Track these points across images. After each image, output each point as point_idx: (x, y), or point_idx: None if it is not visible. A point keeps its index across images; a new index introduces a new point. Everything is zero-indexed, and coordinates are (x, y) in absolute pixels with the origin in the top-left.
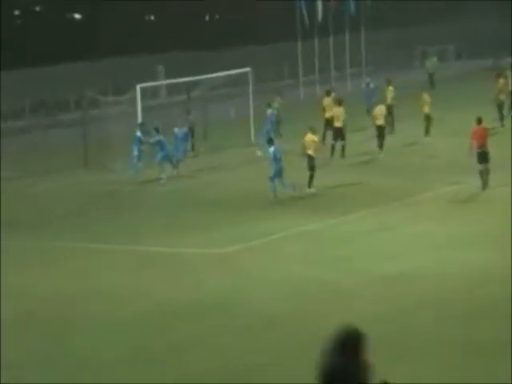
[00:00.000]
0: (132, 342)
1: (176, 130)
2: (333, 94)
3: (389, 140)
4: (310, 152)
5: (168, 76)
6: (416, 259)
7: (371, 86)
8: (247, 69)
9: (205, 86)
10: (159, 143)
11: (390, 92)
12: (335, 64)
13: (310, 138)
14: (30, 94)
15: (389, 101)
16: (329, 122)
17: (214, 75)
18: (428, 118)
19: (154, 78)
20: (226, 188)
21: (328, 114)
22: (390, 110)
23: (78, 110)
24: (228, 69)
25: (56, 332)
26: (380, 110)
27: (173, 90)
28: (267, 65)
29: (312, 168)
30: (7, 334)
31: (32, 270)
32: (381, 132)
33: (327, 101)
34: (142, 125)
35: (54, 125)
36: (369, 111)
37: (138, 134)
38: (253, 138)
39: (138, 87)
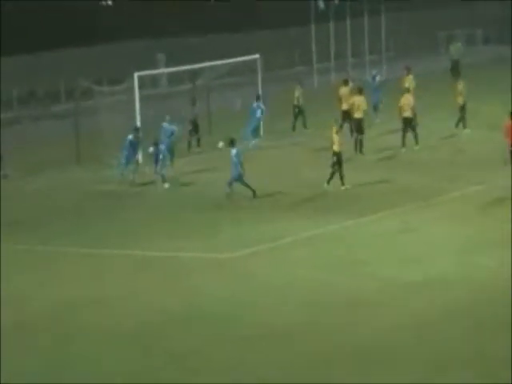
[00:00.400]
0: (129, 354)
1: (165, 124)
2: (351, 84)
3: (411, 134)
4: (336, 147)
5: (169, 64)
6: (441, 264)
7: (378, 78)
8: (256, 55)
9: (209, 74)
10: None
11: (410, 81)
12: (352, 50)
13: (336, 131)
14: (18, 84)
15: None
16: (346, 114)
17: (219, 62)
18: (462, 110)
19: (153, 65)
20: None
21: (345, 106)
22: None
23: (70, 101)
24: (234, 55)
25: (51, 342)
26: (407, 100)
27: (174, 78)
28: (278, 51)
29: (338, 164)
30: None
31: (23, 275)
32: (407, 125)
33: (344, 90)
34: (136, 130)
35: (45, 117)
36: (376, 108)
37: (130, 137)
38: (262, 131)
39: (136, 76)
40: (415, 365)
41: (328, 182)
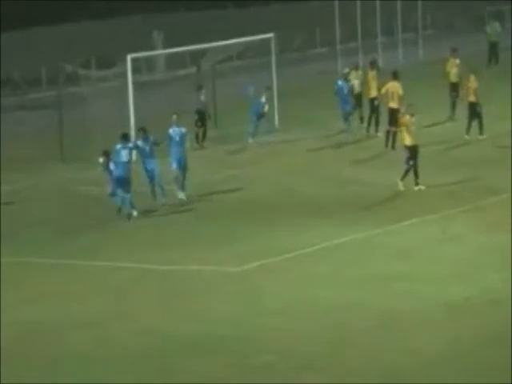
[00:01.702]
0: None
1: (172, 130)
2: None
3: (451, 127)
4: (408, 141)
5: (167, 44)
6: (488, 280)
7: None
8: (270, 34)
9: (214, 56)
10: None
11: (455, 65)
12: (383, 28)
13: (408, 120)
14: None
15: (452, 77)
16: (374, 103)
17: (226, 42)
18: None
19: (149, 46)
20: (242, 189)
21: (373, 93)
22: (454, 90)
23: (52, 88)
24: (245, 34)
25: (33, 371)
26: (472, 83)
27: (173, 61)
28: (295, 29)
29: (413, 160)
30: None
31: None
32: (474, 111)
33: (371, 75)
34: (142, 131)
35: (22, 106)
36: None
37: (140, 143)
38: (277, 122)
39: (129, 58)
40: None
41: (416, 184)
